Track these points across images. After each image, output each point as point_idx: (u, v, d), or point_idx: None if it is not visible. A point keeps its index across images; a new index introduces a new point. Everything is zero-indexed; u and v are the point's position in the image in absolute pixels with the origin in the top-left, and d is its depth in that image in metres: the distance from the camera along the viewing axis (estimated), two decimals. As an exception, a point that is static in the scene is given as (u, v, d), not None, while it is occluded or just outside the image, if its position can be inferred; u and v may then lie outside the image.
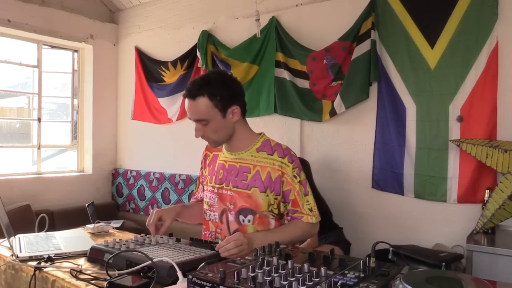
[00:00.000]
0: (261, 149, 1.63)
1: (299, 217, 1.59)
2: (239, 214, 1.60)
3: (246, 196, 1.59)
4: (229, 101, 1.55)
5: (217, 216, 1.65)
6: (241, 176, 1.61)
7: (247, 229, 1.59)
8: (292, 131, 3.81)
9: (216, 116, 1.54)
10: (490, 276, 2.03)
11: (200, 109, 1.52)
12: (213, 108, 1.52)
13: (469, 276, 1.59)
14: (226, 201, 1.62)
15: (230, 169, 1.63)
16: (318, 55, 3.55)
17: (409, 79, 3.16)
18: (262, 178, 1.58)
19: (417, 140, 3.13)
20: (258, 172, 1.59)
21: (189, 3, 4.63)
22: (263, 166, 1.59)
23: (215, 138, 1.60)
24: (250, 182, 1.59)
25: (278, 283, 0.98)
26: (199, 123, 1.56)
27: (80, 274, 1.35)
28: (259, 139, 1.66)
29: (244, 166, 1.61)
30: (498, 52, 2.82)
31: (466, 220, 2.90)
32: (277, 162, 1.59)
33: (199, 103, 1.52)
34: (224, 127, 1.58)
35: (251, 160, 1.62)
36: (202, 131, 1.57)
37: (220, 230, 1.64)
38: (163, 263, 1.23)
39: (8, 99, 5.03)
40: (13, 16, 4.37)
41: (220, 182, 1.65)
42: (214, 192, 1.66)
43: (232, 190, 1.61)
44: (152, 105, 4.91)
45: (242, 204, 1.59)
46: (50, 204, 4.56)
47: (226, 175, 1.64)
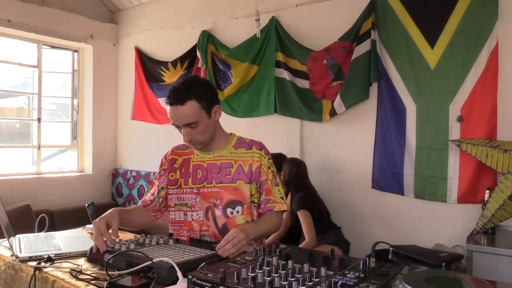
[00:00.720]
0: (237, 146, 1.73)
1: (272, 207, 1.69)
2: (227, 208, 1.65)
3: (233, 189, 1.65)
4: (212, 101, 1.64)
5: (202, 215, 1.68)
6: (224, 172, 1.68)
7: (236, 220, 1.64)
8: (292, 131, 3.81)
9: (203, 117, 1.61)
10: (490, 276, 2.03)
11: (190, 113, 1.57)
12: (201, 109, 1.59)
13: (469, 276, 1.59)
14: (210, 198, 1.67)
15: (211, 167, 1.70)
16: (318, 55, 3.55)
17: (409, 79, 3.16)
18: (245, 170, 1.67)
19: (417, 140, 3.13)
20: (240, 165, 1.68)
21: (189, 3, 4.63)
22: (244, 160, 1.69)
23: (203, 139, 1.65)
24: (234, 175, 1.67)
25: (278, 283, 0.98)
26: (187, 127, 1.60)
27: (80, 274, 1.34)
28: (232, 138, 1.77)
29: (225, 162, 1.69)
30: (498, 52, 2.82)
31: (466, 220, 2.90)
32: (256, 154, 1.70)
33: (188, 107, 1.56)
34: (210, 127, 1.65)
35: (231, 156, 1.70)
36: (191, 135, 1.61)
37: (206, 227, 1.67)
38: (163, 263, 1.23)
39: (8, 99, 5.03)
40: (13, 16, 4.37)
41: (200, 181, 1.69)
42: (193, 193, 1.70)
43: (217, 186, 1.67)
44: (152, 105, 4.90)
45: (230, 197, 1.65)
46: (50, 204, 4.55)
47: (207, 174, 1.69)
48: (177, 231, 1.74)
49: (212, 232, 1.66)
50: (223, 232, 1.61)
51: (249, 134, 4.07)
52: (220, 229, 1.65)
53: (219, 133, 1.73)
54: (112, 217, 1.54)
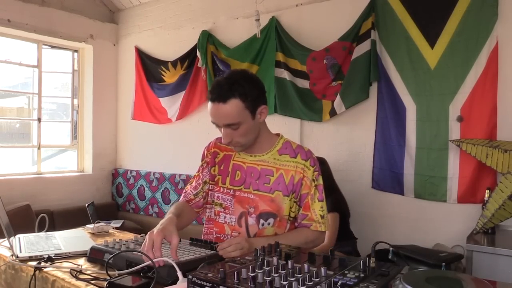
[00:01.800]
0: (282, 151, 1.58)
1: (308, 225, 1.54)
2: (260, 218, 1.53)
3: (269, 200, 1.52)
4: (259, 101, 1.48)
5: (235, 219, 1.56)
6: (263, 179, 1.54)
7: (265, 232, 1.54)
8: (292, 131, 3.81)
9: (247, 118, 1.45)
10: (490, 276, 2.03)
11: (232, 113, 1.41)
12: (245, 110, 1.43)
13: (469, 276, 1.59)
14: (245, 204, 1.55)
15: (250, 171, 1.56)
16: (318, 55, 3.55)
17: (409, 79, 3.16)
18: (286, 181, 1.53)
19: (417, 140, 3.13)
20: (281, 175, 1.53)
21: (189, 3, 4.63)
22: (286, 170, 1.54)
23: (244, 142, 1.50)
24: (273, 185, 1.53)
25: (278, 283, 0.98)
26: (229, 127, 1.45)
27: (80, 274, 1.34)
28: (278, 140, 1.61)
29: (266, 168, 1.55)
30: (498, 52, 2.82)
31: (466, 220, 2.90)
32: (300, 165, 1.54)
33: (231, 106, 1.41)
34: (253, 129, 1.50)
35: (273, 163, 1.55)
36: (231, 136, 1.47)
37: (238, 233, 1.55)
38: (163, 263, 1.23)
39: (8, 99, 5.03)
40: (13, 16, 4.37)
41: (238, 184, 1.57)
42: (229, 194, 1.58)
43: (253, 193, 1.54)
44: (152, 105, 4.91)
45: (264, 207, 1.52)
46: (50, 204, 4.56)
47: (245, 177, 1.56)
48: (209, 230, 1.62)
49: None
50: None
51: (249, 134, 4.05)
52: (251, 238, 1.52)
53: (264, 134, 1.58)
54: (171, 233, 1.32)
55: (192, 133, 4.54)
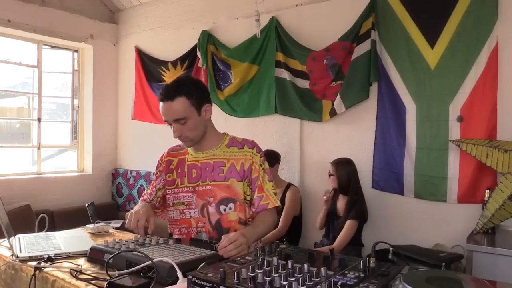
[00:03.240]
0: (230, 145, 1.78)
1: (266, 205, 1.72)
2: (220, 205, 1.71)
3: (225, 187, 1.71)
4: (202, 100, 1.70)
5: (198, 212, 1.73)
6: (217, 170, 1.73)
7: (229, 217, 1.71)
8: (292, 131, 3.81)
9: (193, 114, 1.66)
10: (490, 276, 2.03)
11: (179, 108, 1.63)
12: (190, 106, 1.65)
13: (469, 276, 1.59)
14: (205, 196, 1.72)
15: (204, 166, 1.75)
16: (318, 55, 3.55)
17: (409, 79, 3.16)
18: (237, 169, 1.72)
19: (417, 140, 3.13)
20: (232, 164, 1.73)
21: (189, 3, 4.63)
22: (236, 159, 1.74)
23: (192, 136, 1.70)
24: (226, 174, 1.72)
25: (278, 283, 0.98)
26: (177, 122, 1.65)
27: (80, 274, 1.34)
28: (225, 137, 1.81)
29: (218, 161, 1.74)
30: (498, 52, 2.82)
31: (466, 220, 2.90)
32: (248, 153, 1.74)
33: (177, 103, 1.63)
34: (200, 125, 1.70)
35: (223, 155, 1.75)
36: (181, 131, 1.67)
37: (203, 224, 1.73)
38: (163, 263, 1.23)
39: (8, 99, 5.03)
40: (13, 16, 4.37)
41: (195, 180, 1.75)
42: (189, 191, 1.75)
43: (210, 184, 1.72)
44: (152, 105, 4.91)
45: (222, 194, 1.71)
46: (50, 204, 4.56)
47: (201, 172, 1.74)
48: (175, 229, 1.79)
49: (207, 228, 1.72)
50: (217, 228, 1.70)
51: (249, 134, 4.09)
52: (213, 226, 1.71)
53: (211, 132, 1.78)
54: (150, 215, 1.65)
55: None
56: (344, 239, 2.92)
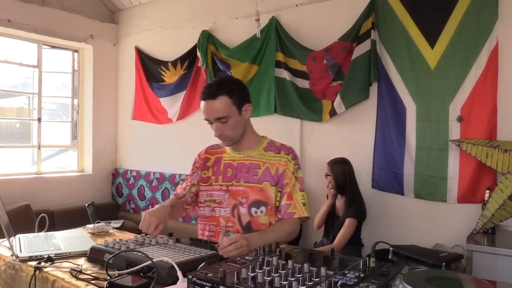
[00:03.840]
0: (268, 148, 1.77)
1: (292, 214, 1.69)
2: (251, 207, 1.69)
3: (259, 190, 1.70)
4: (243, 99, 1.71)
5: (229, 211, 1.72)
6: (252, 172, 1.72)
7: (259, 220, 1.69)
8: (292, 131, 3.81)
9: (234, 113, 1.67)
10: (490, 276, 2.03)
11: (221, 107, 1.64)
12: (232, 105, 1.66)
13: (469, 276, 1.59)
14: (237, 196, 1.71)
15: (240, 166, 1.75)
16: (318, 55, 3.55)
17: (409, 79, 3.16)
18: (272, 173, 1.71)
19: (417, 140, 3.13)
20: (267, 168, 1.72)
21: (189, 3, 4.63)
22: (272, 163, 1.73)
23: (233, 135, 1.71)
24: (261, 177, 1.71)
25: (278, 283, 0.98)
26: (218, 121, 1.66)
27: (80, 274, 1.34)
28: (264, 140, 1.82)
29: (254, 163, 1.74)
30: (498, 52, 2.82)
31: (466, 220, 2.90)
32: (283, 159, 1.73)
33: (219, 101, 1.64)
34: (240, 124, 1.71)
35: (260, 157, 1.75)
36: (221, 129, 1.68)
37: (232, 224, 1.72)
38: (163, 263, 1.23)
39: (8, 99, 5.03)
40: (13, 16, 4.37)
41: (229, 179, 1.74)
42: (223, 190, 1.75)
43: (244, 185, 1.71)
44: (152, 105, 4.91)
45: (255, 197, 1.69)
46: (50, 204, 4.55)
47: (236, 172, 1.74)
48: (204, 226, 1.80)
49: (236, 229, 1.71)
50: (247, 229, 1.68)
51: (249, 134, 4.04)
52: (244, 227, 1.70)
53: (250, 133, 1.79)
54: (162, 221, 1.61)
55: (192, 133, 4.54)
56: (344, 237, 2.92)
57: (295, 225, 1.72)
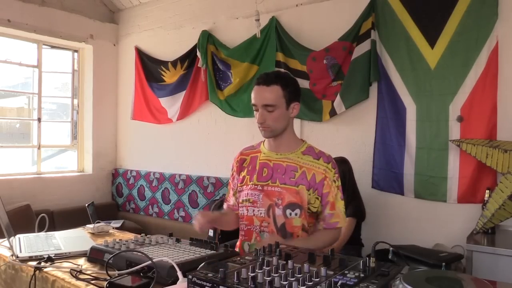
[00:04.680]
0: (306, 153, 1.77)
1: (336, 223, 1.74)
2: (287, 208, 1.69)
3: (295, 192, 1.70)
4: (294, 96, 1.73)
5: (263, 211, 1.72)
6: (289, 174, 1.72)
7: (293, 222, 1.70)
8: (292, 131, 3.80)
9: (282, 105, 1.68)
10: (490, 276, 2.03)
11: (272, 95, 1.67)
12: (282, 97, 1.68)
13: (469, 276, 1.59)
14: (273, 197, 1.71)
15: (277, 167, 1.75)
16: (318, 55, 3.55)
17: (409, 79, 3.16)
18: (308, 178, 1.71)
19: (417, 140, 3.13)
20: (304, 172, 1.72)
21: (189, 3, 4.63)
22: (309, 168, 1.72)
23: (274, 127, 1.71)
24: (298, 179, 1.71)
25: (278, 283, 0.98)
26: (265, 109, 1.68)
27: (80, 274, 1.35)
28: (303, 144, 1.81)
29: (291, 165, 1.74)
30: (498, 52, 2.82)
31: (466, 220, 2.90)
32: (322, 167, 1.73)
33: (272, 89, 1.67)
34: (284, 118, 1.71)
35: (297, 161, 1.74)
36: (265, 117, 1.69)
37: (267, 224, 1.72)
38: (163, 263, 1.23)
39: (8, 99, 5.04)
40: (13, 16, 4.37)
41: (265, 179, 1.75)
42: (257, 189, 1.74)
43: (280, 187, 1.71)
44: (152, 105, 4.91)
45: (291, 199, 1.69)
46: (50, 204, 4.55)
47: (272, 173, 1.74)
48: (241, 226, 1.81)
49: (271, 229, 1.72)
50: (281, 230, 1.69)
51: (249, 134, 4.09)
52: (278, 228, 1.70)
53: (291, 135, 1.79)
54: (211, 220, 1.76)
55: (192, 133, 4.54)
56: (343, 237, 2.92)
57: (338, 234, 1.78)
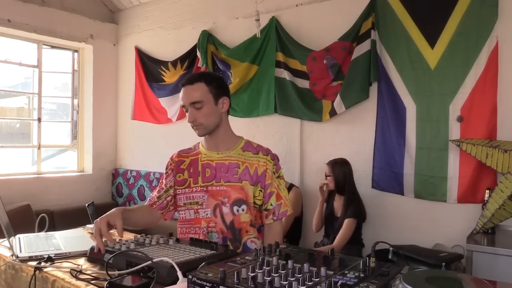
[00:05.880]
0: (245, 149, 1.80)
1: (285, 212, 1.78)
2: (234, 205, 1.72)
3: (239, 188, 1.72)
4: (221, 91, 1.76)
5: (209, 212, 1.73)
6: (232, 172, 1.75)
7: (241, 218, 1.73)
8: (292, 131, 3.80)
9: (209, 101, 1.71)
10: (490, 276, 2.03)
11: (196, 92, 1.69)
12: (208, 93, 1.71)
13: (469, 276, 1.59)
14: (218, 196, 1.73)
15: (219, 166, 1.76)
16: (318, 55, 3.55)
17: (409, 79, 3.16)
18: (251, 173, 1.74)
19: (417, 140, 3.13)
20: (246, 167, 1.75)
21: (189, 3, 4.63)
22: (250, 163, 1.76)
23: (206, 123, 1.73)
24: (240, 175, 1.74)
25: (278, 283, 0.98)
26: (193, 107, 1.70)
27: (80, 274, 1.35)
28: (241, 140, 1.84)
29: (233, 162, 1.76)
30: (498, 52, 2.82)
31: (466, 220, 2.90)
32: (262, 159, 1.76)
33: (196, 87, 1.70)
34: (214, 114, 1.74)
35: (238, 157, 1.77)
36: (195, 116, 1.70)
37: (214, 224, 1.73)
38: (163, 263, 1.23)
39: (8, 99, 5.03)
40: (13, 16, 4.37)
41: (209, 179, 1.75)
42: (202, 191, 1.75)
43: (225, 185, 1.73)
44: (152, 105, 4.91)
45: (236, 195, 1.72)
46: (50, 204, 4.55)
47: (215, 172, 1.75)
48: (187, 229, 1.78)
49: (220, 228, 1.72)
50: (231, 228, 1.71)
51: (249, 134, 4.08)
52: (228, 226, 1.72)
53: (227, 131, 1.82)
54: (115, 217, 1.59)
55: (192, 133, 4.50)
56: (343, 237, 2.93)
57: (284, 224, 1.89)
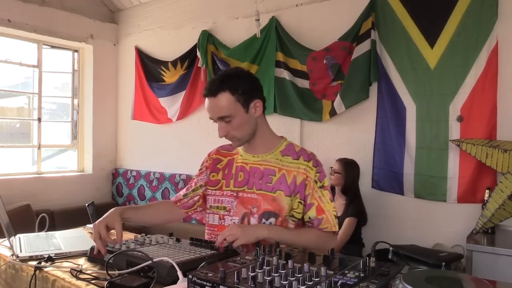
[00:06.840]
0: (285, 153, 1.59)
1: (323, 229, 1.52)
2: (262, 217, 1.52)
3: (271, 199, 1.52)
4: (251, 95, 1.51)
5: (237, 220, 1.55)
6: (266, 179, 1.55)
7: None
8: (292, 131, 3.80)
9: (239, 111, 1.48)
10: (490, 276, 2.03)
11: (223, 105, 1.46)
12: (236, 102, 1.47)
13: (469, 276, 1.59)
14: (248, 204, 1.55)
15: (253, 171, 1.57)
16: (318, 55, 3.55)
17: (409, 79, 3.16)
18: (288, 182, 1.53)
19: (417, 140, 3.13)
20: (283, 175, 1.54)
21: (189, 3, 4.63)
22: (289, 170, 1.54)
23: (240, 135, 1.53)
24: (275, 184, 1.53)
25: (278, 283, 0.98)
26: (222, 120, 1.49)
27: (80, 274, 1.35)
28: (282, 142, 1.63)
29: (268, 168, 1.56)
30: (498, 52, 2.82)
31: (466, 220, 2.90)
32: (302, 166, 1.54)
33: (220, 99, 1.46)
34: (247, 123, 1.52)
35: (276, 163, 1.57)
36: (226, 130, 1.50)
37: None
38: (163, 263, 1.23)
39: (8, 99, 5.03)
40: (13, 16, 4.37)
41: (240, 185, 1.57)
42: (232, 196, 1.57)
43: (256, 193, 1.54)
44: (152, 105, 4.91)
45: (266, 207, 1.52)
46: (50, 204, 4.55)
47: (248, 177, 1.57)
48: (209, 236, 1.63)
49: None
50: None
51: (249, 134, 4.04)
52: None
53: (266, 133, 1.61)
54: (113, 220, 1.51)
55: (192, 133, 4.54)
56: (343, 236, 2.93)
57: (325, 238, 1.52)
